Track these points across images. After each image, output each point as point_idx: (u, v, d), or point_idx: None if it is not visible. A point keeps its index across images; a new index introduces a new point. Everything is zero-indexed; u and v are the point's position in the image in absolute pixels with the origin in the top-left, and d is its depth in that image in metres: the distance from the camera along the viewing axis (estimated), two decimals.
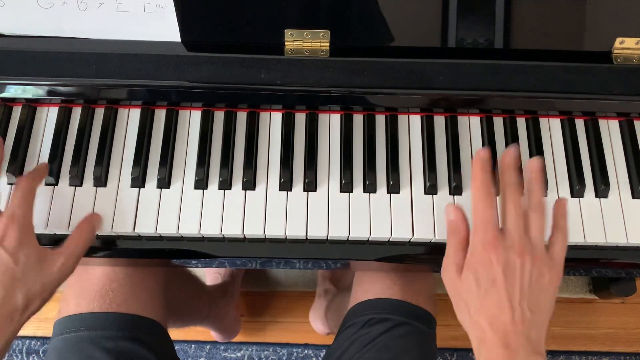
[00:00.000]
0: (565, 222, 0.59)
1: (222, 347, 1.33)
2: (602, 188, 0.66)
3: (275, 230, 0.64)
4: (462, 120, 0.69)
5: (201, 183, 0.65)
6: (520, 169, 0.60)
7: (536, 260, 0.55)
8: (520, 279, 0.54)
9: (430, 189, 0.65)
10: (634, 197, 0.66)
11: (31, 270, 0.56)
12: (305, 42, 0.66)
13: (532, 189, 0.58)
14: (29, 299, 0.56)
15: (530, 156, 0.68)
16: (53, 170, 0.65)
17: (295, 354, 1.33)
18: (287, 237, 0.65)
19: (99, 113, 0.69)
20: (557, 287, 0.57)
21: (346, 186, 0.65)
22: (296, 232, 0.64)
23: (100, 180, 0.65)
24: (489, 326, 0.54)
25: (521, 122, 0.70)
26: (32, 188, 0.59)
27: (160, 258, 0.70)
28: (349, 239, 0.65)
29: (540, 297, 0.55)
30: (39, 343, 1.33)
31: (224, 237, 0.65)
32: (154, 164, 0.66)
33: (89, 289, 0.74)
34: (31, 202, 0.58)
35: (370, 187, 0.65)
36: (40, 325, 1.33)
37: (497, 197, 0.60)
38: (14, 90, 0.66)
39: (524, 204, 0.57)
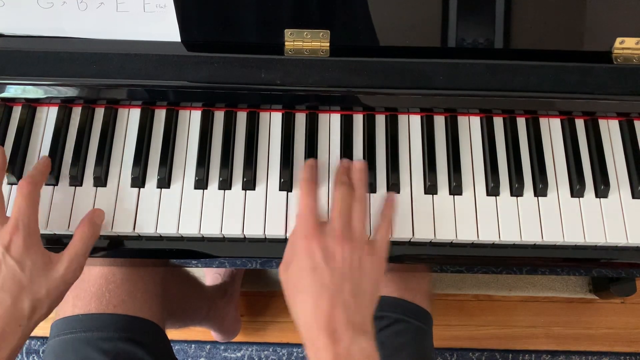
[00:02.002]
0: (390, 212, 0.61)
1: (222, 347, 1.33)
2: (602, 188, 0.66)
3: (275, 230, 0.64)
4: (462, 120, 0.69)
5: (201, 183, 0.65)
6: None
7: (356, 247, 0.56)
8: (341, 264, 0.55)
9: (430, 189, 0.65)
10: (634, 197, 0.66)
11: (37, 276, 0.56)
12: (305, 42, 0.66)
13: (356, 186, 0.60)
14: (36, 304, 0.56)
15: (531, 156, 0.68)
16: (53, 170, 0.65)
17: (295, 354, 1.33)
18: (287, 237, 0.64)
19: (99, 113, 0.69)
20: (381, 272, 0.57)
21: None
22: None
23: (100, 180, 0.65)
24: (312, 315, 0.54)
25: (521, 122, 0.70)
26: (36, 192, 0.59)
27: (160, 258, 0.70)
28: None
29: (363, 282, 0.55)
30: (39, 343, 1.33)
31: (224, 237, 0.65)
32: (154, 164, 0.66)
33: (85, 290, 0.74)
34: (35, 206, 0.58)
35: (370, 187, 0.65)
36: (40, 325, 1.32)
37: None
38: (14, 90, 0.66)
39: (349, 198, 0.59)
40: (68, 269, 0.58)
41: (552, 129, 0.70)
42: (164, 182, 0.65)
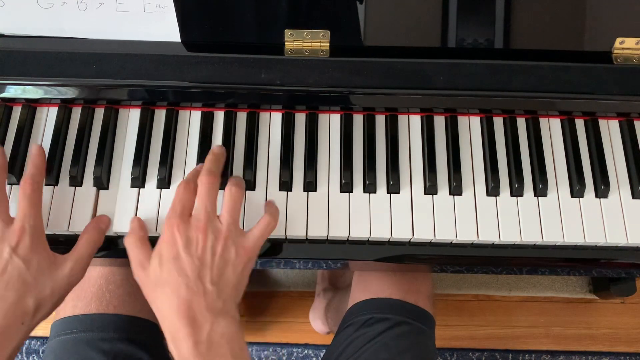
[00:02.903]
0: (275, 210, 0.62)
1: None
2: (602, 188, 0.66)
3: (275, 231, 0.64)
4: (462, 120, 0.69)
5: None
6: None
7: (220, 236, 0.56)
8: (202, 253, 0.55)
9: (430, 189, 0.65)
10: (634, 197, 0.66)
11: (42, 275, 0.57)
12: (305, 42, 0.66)
13: (230, 181, 0.60)
14: (40, 303, 0.57)
15: (531, 156, 0.68)
16: (53, 170, 0.65)
17: (295, 354, 1.33)
18: (287, 237, 0.64)
19: (99, 113, 0.69)
20: (247, 263, 0.57)
21: (346, 186, 0.65)
22: (296, 232, 0.64)
23: (100, 181, 0.65)
24: (172, 307, 0.53)
25: (521, 122, 0.70)
26: (38, 191, 0.59)
27: None
28: (349, 239, 0.65)
29: (226, 271, 0.55)
30: (38, 343, 1.33)
31: None
32: (154, 164, 0.66)
33: (86, 290, 0.74)
34: (39, 206, 0.59)
35: (370, 187, 0.65)
36: (40, 325, 1.33)
37: None
38: (14, 90, 0.66)
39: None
40: (72, 271, 0.59)
41: (552, 129, 0.70)
42: (164, 182, 0.65)
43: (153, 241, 0.65)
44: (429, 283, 0.84)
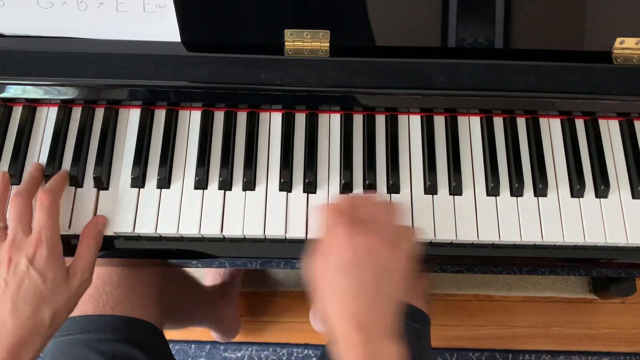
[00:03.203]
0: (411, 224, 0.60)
1: (222, 347, 1.33)
2: (602, 188, 0.66)
3: (275, 231, 0.64)
4: (462, 120, 0.69)
5: (201, 183, 0.65)
6: None
7: (386, 248, 0.53)
8: (371, 263, 0.53)
9: (430, 189, 0.65)
10: (634, 197, 0.66)
11: (57, 288, 0.57)
12: (305, 42, 0.66)
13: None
14: (56, 314, 0.57)
15: (531, 156, 0.68)
16: (53, 170, 0.65)
17: (295, 354, 1.33)
18: (287, 237, 0.64)
19: (99, 113, 0.69)
20: (404, 279, 0.55)
21: (346, 186, 0.65)
22: (296, 232, 0.64)
23: (100, 181, 0.65)
24: (341, 313, 0.52)
25: (521, 122, 0.70)
26: (56, 203, 0.60)
27: (160, 258, 0.70)
28: None
29: (389, 283, 0.54)
30: None
31: (224, 237, 0.65)
32: (154, 164, 0.66)
33: None
34: (56, 219, 0.59)
35: (370, 187, 0.65)
36: None
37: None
38: (14, 90, 0.66)
39: None
40: (82, 279, 0.60)
41: (552, 129, 0.70)
42: (164, 182, 0.65)
43: (151, 240, 0.65)
44: (423, 282, 0.84)
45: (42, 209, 0.59)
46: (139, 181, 0.65)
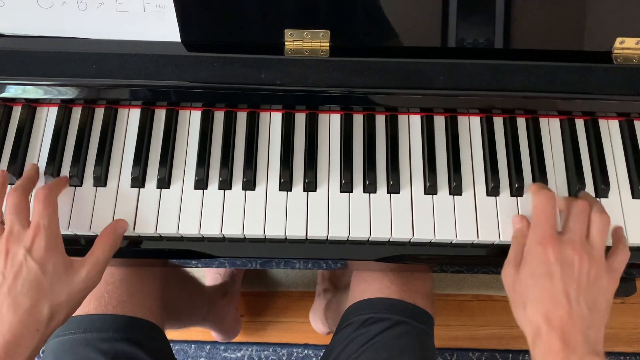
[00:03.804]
0: (624, 241, 0.61)
1: (222, 347, 1.33)
2: (602, 188, 0.66)
3: (275, 230, 0.64)
4: (462, 120, 0.69)
5: (201, 183, 0.65)
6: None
7: (594, 261, 0.55)
8: (578, 275, 0.54)
9: (430, 189, 0.65)
10: (634, 197, 0.66)
11: (58, 280, 0.55)
12: (305, 42, 0.66)
13: (589, 200, 0.60)
14: (55, 310, 0.55)
15: (531, 156, 0.68)
16: (53, 170, 0.65)
17: (295, 354, 1.33)
18: (287, 237, 0.64)
19: (99, 113, 0.69)
20: (613, 293, 0.56)
21: (346, 186, 0.65)
22: (296, 232, 0.64)
23: (100, 180, 0.65)
24: (544, 320, 0.53)
25: (521, 122, 0.70)
26: (52, 196, 0.58)
27: (160, 258, 0.70)
28: (349, 239, 0.65)
29: (598, 298, 0.54)
30: None
31: (224, 237, 0.65)
32: (154, 164, 0.66)
33: None
34: (54, 210, 0.58)
35: (370, 187, 0.65)
36: None
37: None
38: (14, 90, 0.66)
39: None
40: (88, 275, 0.57)
41: (552, 129, 0.70)
42: (164, 182, 0.65)
43: (151, 239, 0.65)
44: (428, 282, 0.84)
45: (39, 201, 0.57)
46: (139, 181, 0.65)
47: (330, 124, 0.69)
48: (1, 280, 0.53)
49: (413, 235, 0.64)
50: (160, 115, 0.69)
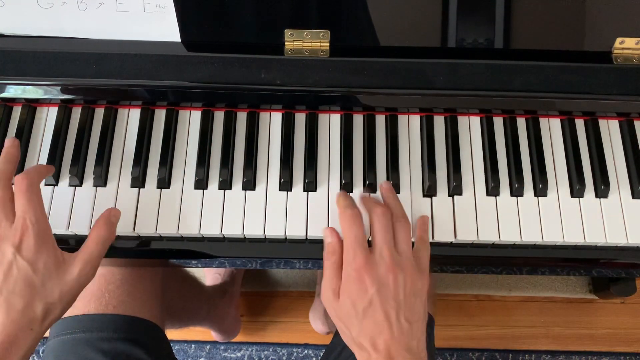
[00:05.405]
0: (427, 235, 0.63)
1: (222, 347, 1.33)
2: (602, 188, 0.66)
3: (275, 230, 0.64)
4: (462, 120, 0.69)
5: (201, 183, 0.65)
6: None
7: (407, 271, 0.56)
8: (395, 293, 0.55)
9: (430, 188, 0.65)
10: (634, 197, 0.66)
11: (50, 278, 0.53)
12: (305, 42, 0.66)
13: (391, 205, 0.61)
14: (49, 308, 0.53)
15: (531, 156, 0.68)
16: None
17: (295, 354, 1.33)
18: (287, 237, 0.65)
19: (99, 113, 0.69)
20: (426, 292, 0.58)
21: (346, 186, 0.65)
22: (296, 232, 0.64)
23: (100, 180, 0.65)
24: (371, 347, 0.55)
25: (521, 122, 0.70)
26: (34, 185, 0.55)
27: (160, 258, 0.70)
28: None
29: (415, 305, 0.56)
30: (39, 343, 1.33)
31: (224, 237, 0.65)
32: (154, 164, 0.66)
33: (85, 290, 0.73)
34: (38, 201, 0.55)
35: (370, 187, 0.65)
36: None
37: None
38: (14, 90, 0.66)
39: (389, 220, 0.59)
40: (82, 271, 0.55)
41: (552, 129, 0.70)
42: (164, 182, 0.65)
43: (151, 239, 0.65)
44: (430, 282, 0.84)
45: (20, 193, 0.54)
46: (138, 181, 0.65)
47: (330, 124, 0.69)
48: None
49: (413, 235, 0.64)
50: (160, 115, 0.69)
